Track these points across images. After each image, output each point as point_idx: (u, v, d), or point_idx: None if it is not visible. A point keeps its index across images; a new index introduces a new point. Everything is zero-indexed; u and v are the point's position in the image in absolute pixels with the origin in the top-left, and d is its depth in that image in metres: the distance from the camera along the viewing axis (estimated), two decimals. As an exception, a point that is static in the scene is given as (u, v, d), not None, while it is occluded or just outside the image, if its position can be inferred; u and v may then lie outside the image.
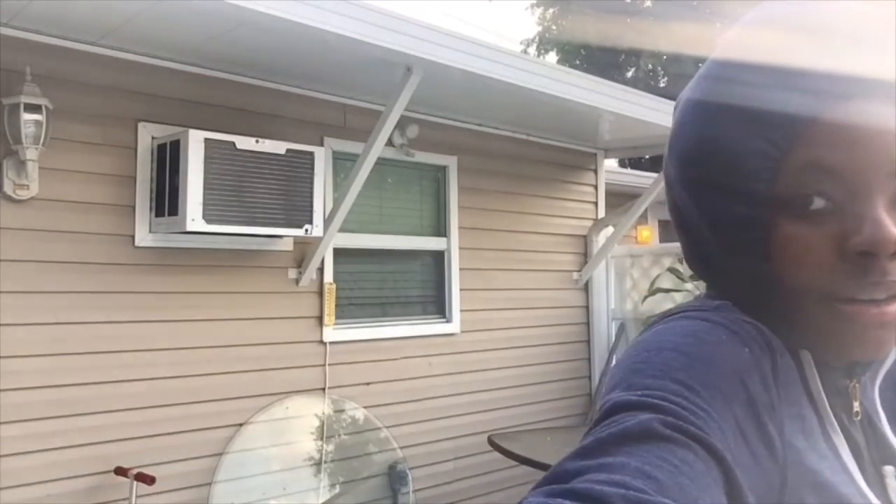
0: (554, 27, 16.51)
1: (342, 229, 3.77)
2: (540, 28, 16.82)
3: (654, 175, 5.76)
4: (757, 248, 0.61)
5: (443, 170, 4.62)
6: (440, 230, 4.62)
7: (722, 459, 0.51)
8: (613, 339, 5.48)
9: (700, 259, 0.69)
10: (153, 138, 3.35)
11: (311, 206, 3.49)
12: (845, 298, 0.58)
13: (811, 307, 0.60)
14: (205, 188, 3.15)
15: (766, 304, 0.63)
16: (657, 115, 4.48)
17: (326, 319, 3.95)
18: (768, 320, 0.63)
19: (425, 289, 4.61)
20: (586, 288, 5.50)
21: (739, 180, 0.60)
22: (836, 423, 0.62)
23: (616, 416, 0.54)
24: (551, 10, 16.46)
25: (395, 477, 4.16)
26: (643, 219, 8.07)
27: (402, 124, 3.92)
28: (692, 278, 4.79)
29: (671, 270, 5.00)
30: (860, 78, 0.55)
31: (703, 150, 0.63)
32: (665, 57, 14.78)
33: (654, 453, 0.49)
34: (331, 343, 3.97)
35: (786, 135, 0.58)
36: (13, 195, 2.99)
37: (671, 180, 0.68)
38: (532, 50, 16.48)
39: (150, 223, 3.34)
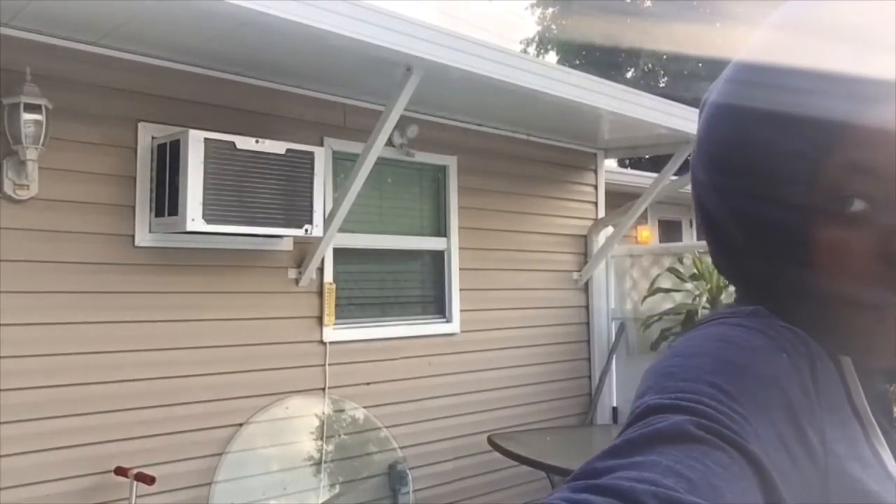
0: (554, 27, 16.52)
1: (342, 229, 3.77)
2: (540, 28, 16.83)
3: (654, 175, 5.76)
4: (794, 253, 0.60)
5: (443, 170, 4.62)
6: (440, 230, 4.62)
7: (759, 464, 0.49)
8: (613, 338, 5.48)
9: (731, 264, 0.68)
10: (153, 138, 3.35)
11: (311, 206, 3.49)
12: (889, 304, 0.57)
13: (852, 313, 0.59)
14: (205, 188, 3.15)
15: (804, 310, 0.61)
16: (657, 115, 4.47)
17: (326, 319, 3.95)
18: (806, 325, 0.61)
19: (425, 289, 4.61)
20: (586, 288, 5.50)
21: (776, 183, 0.59)
22: (878, 430, 0.61)
23: (648, 419, 0.53)
24: (551, 10, 16.48)
25: (394, 477, 4.16)
26: (643, 219, 8.07)
27: (401, 124, 3.91)
28: (692, 278, 4.79)
29: (671, 270, 5.00)
30: None
31: (736, 155, 0.61)
32: (665, 57, 14.80)
33: (687, 454, 0.48)
34: (331, 343, 3.97)
35: (825, 134, 0.56)
36: (13, 195, 2.99)
37: (701, 186, 0.67)
38: (532, 50, 16.50)
39: (150, 223, 3.34)
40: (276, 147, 3.37)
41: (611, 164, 7.10)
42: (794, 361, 0.58)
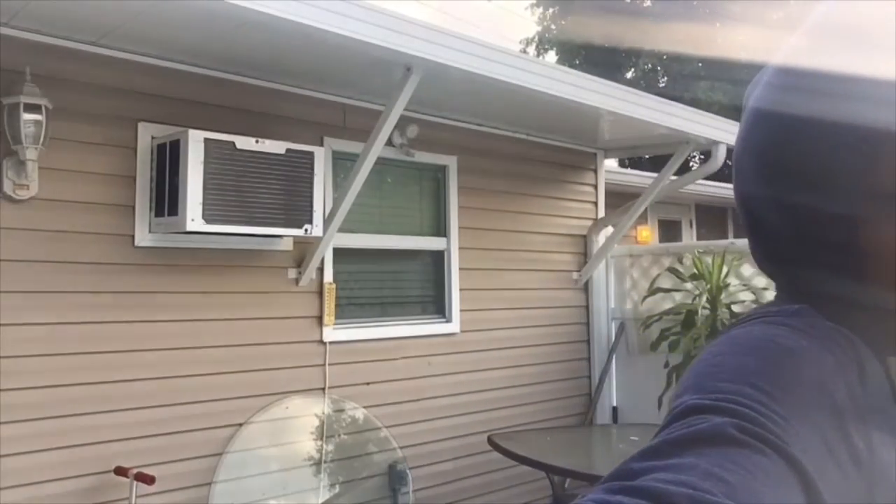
0: (553, 27, 16.51)
1: (342, 229, 3.77)
2: (539, 28, 16.82)
3: (654, 175, 5.76)
4: (844, 254, 0.58)
5: (442, 169, 4.62)
6: (440, 230, 4.62)
7: (802, 470, 0.48)
8: (613, 338, 5.48)
9: (777, 266, 0.66)
10: (153, 138, 3.35)
11: (311, 205, 3.49)
12: None
13: None
14: (204, 188, 3.15)
15: (852, 312, 0.59)
16: (657, 115, 4.47)
17: (326, 319, 3.95)
18: (853, 325, 0.59)
19: (425, 288, 4.61)
20: (586, 288, 5.50)
21: (827, 181, 0.58)
22: None
23: (687, 419, 0.51)
24: (551, 10, 16.47)
25: (394, 476, 4.16)
26: (643, 218, 8.07)
27: (401, 124, 3.91)
28: (692, 278, 4.79)
29: (671, 270, 5.00)
30: None
31: (786, 154, 0.60)
32: (665, 57, 14.80)
33: (727, 457, 0.47)
34: (330, 343, 3.97)
35: (881, 131, 0.55)
36: (13, 195, 2.99)
37: (746, 188, 0.66)
38: (531, 50, 16.49)
39: (150, 223, 3.34)
40: (276, 147, 3.37)
41: (611, 163, 7.10)
42: (841, 363, 0.56)
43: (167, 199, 3.22)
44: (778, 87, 0.62)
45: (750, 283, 4.69)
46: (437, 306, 4.60)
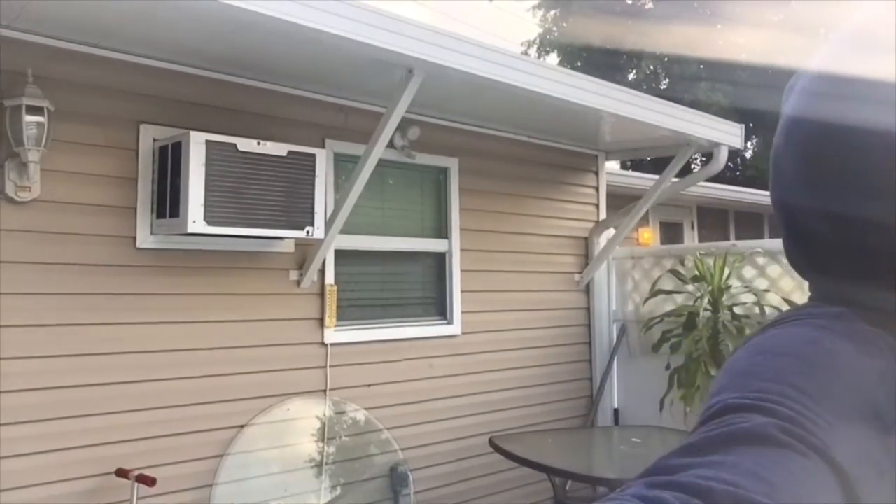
0: (555, 29, 16.52)
1: (343, 231, 3.77)
2: (541, 30, 16.83)
3: (656, 177, 5.75)
4: (888, 265, 0.57)
5: (444, 171, 4.62)
6: (441, 232, 4.62)
7: (843, 474, 0.47)
8: (615, 340, 5.47)
9: (816, 271, 0.65)
10: (154, 140, 3.35)
11: (313, 207, 3.49)
12: None
13: None
14: (206, 190, 3.15)
15: (893, 318, 0.58)
16: (659, 117, 4.47)
17: (327, 321, 3.95)
18: (894, 332, 0.58)
19: (426, 290, 4.61)
20: (587, 290, 5.50)
21: (873, 195, 0.57)
22: None
23: (726, 418, 0.50)
24: (552, 12, 16.48)
25: (396, 478, 4.16)
26: (644, 220, 8.06)
27: (403, 126, 3.91)
28: (694, 280, 4.79)
29: (672, 272, 5.00)
30: None
31: (831, 168, 0.59)
32: (666, 59, 14.80)
33: (768, 457, 0.46)
34: (332, 345, 3.97)
35: None
36: (15, 197, 2.99)
37: (787, 200, 0.65)
38: (533, 52, 16.50)
39: (152, 225, 3.34)
40: (278, 149, 3.38)
41: (612, 165, 7.10)
42: (883, 369, 0.55)
43: (169, 201, 3.23)
44: (816, 94, 0.62)
45: (752, 285, 4.68)
46: (438, 308, 4.60)
